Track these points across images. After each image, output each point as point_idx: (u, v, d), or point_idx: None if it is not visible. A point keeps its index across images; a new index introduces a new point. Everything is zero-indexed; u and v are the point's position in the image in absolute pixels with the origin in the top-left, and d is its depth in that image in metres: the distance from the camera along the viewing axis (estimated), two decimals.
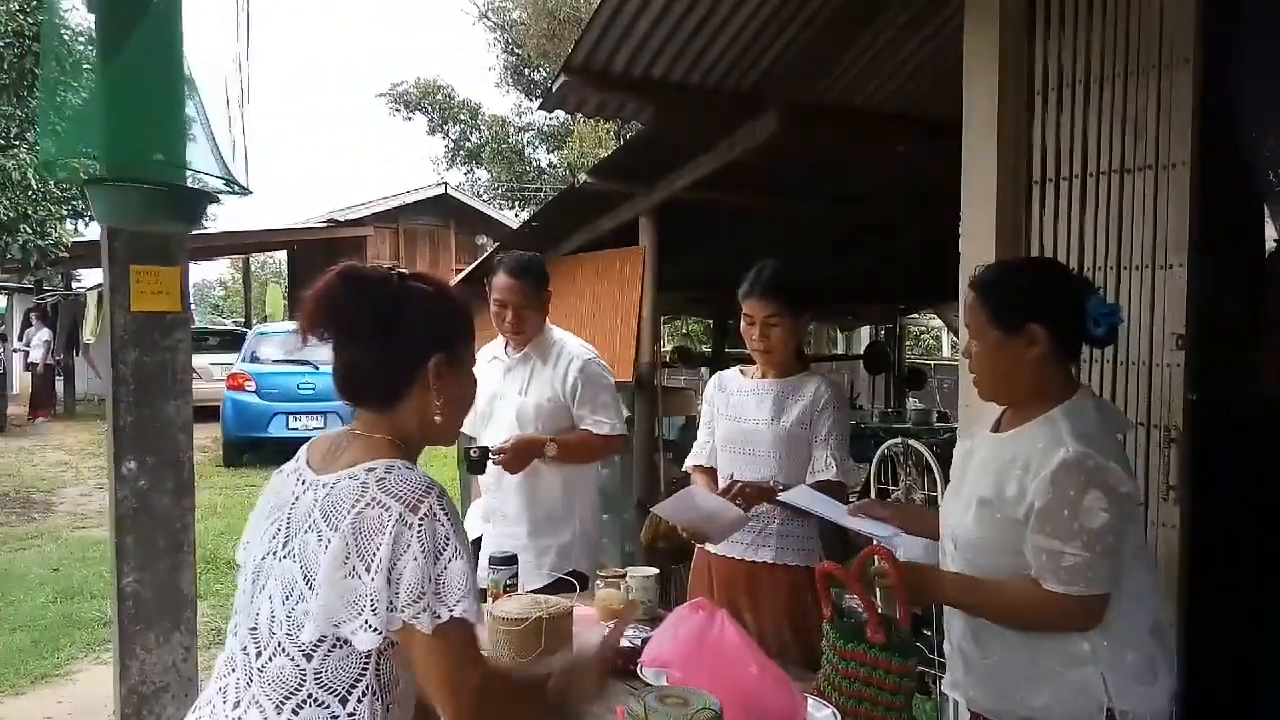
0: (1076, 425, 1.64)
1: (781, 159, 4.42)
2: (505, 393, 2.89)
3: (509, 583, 2.38)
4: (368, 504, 1.24)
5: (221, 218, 26.46)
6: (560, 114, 4.77)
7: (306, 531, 1.27)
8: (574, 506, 2.92)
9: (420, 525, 1.23)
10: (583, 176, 4.86)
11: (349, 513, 1.23)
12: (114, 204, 2.22)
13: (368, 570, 1.21)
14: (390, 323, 1.34)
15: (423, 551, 1.22)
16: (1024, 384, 1.73)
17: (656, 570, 2.49)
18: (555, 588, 2.60)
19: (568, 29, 16.94)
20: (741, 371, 2.65)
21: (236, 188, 2.17)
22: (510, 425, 2.83)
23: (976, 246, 2.74)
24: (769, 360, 2.52)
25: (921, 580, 1.78)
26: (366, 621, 1.21)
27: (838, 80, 4.08)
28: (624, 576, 2.46)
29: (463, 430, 3.01)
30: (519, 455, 2.73)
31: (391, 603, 1.21)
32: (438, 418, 1.37)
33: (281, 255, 23.04)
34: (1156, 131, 2.45)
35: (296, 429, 9.91)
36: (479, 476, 2.94)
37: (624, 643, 2.11)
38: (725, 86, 3.97)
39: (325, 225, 17.17)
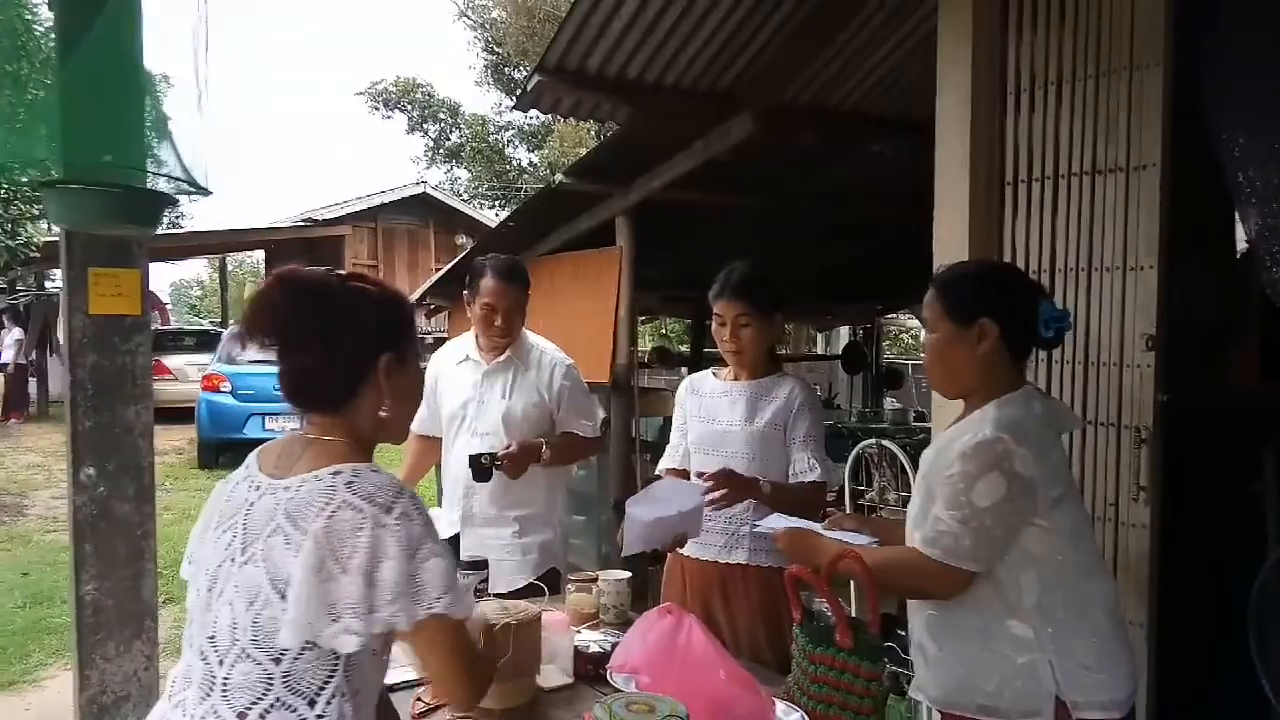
0: (1003, 414, 1.70)
1: (758, 159, 4.41)
2: (485, 397, 2.85)
3: (479, 587, 2.35)
4: (339, 507, 1.24)
5: (198, 217, 26.24)
6: (541, 113, 4.73)
7: (271, 535, 1.26)
8: (555, 505, 2.94)
9: (397, 525, 1.24)
10: (559, 176, 4.83)
11: (319, 516, 1.23)
12: (68, 206, 2.15)
13: (345, 573, 1.22)
14: (333, 325, 1.34)
15: (400, 551, 1.23)
16: (972, 377, 1.79)
17: (629, 574, 2.47)
18: (527, 591, 2.59)
19: (547, 28, 16.90)
20: (714, 373, 2.64)
21: (196, 189, 2.12)
22: (496, 430, 2.80)
23: (948, 247, 2.74)
24: (741, 361, 2.51)
25: (810, 546, 1.91)
26: (347, 625, 1.22)
27: (814, 80, 4.07)
28: (595, 580, 2.44)
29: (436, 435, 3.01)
30: (521, 460, 2.72)
31: (373, 605, 1.22)
32: (384, 413, 1.38)
33: (259, 255, 22.85)
34: (1127, 133, 2.46)
35: (273, 430, 9.80)
36: (446, 479, 2.92)
37: (594, 648, 2.10)
38: (701, 87, 3.96)
39: (302, 225, 17.03)
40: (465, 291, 2.88)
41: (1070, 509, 1.72)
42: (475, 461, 2.69)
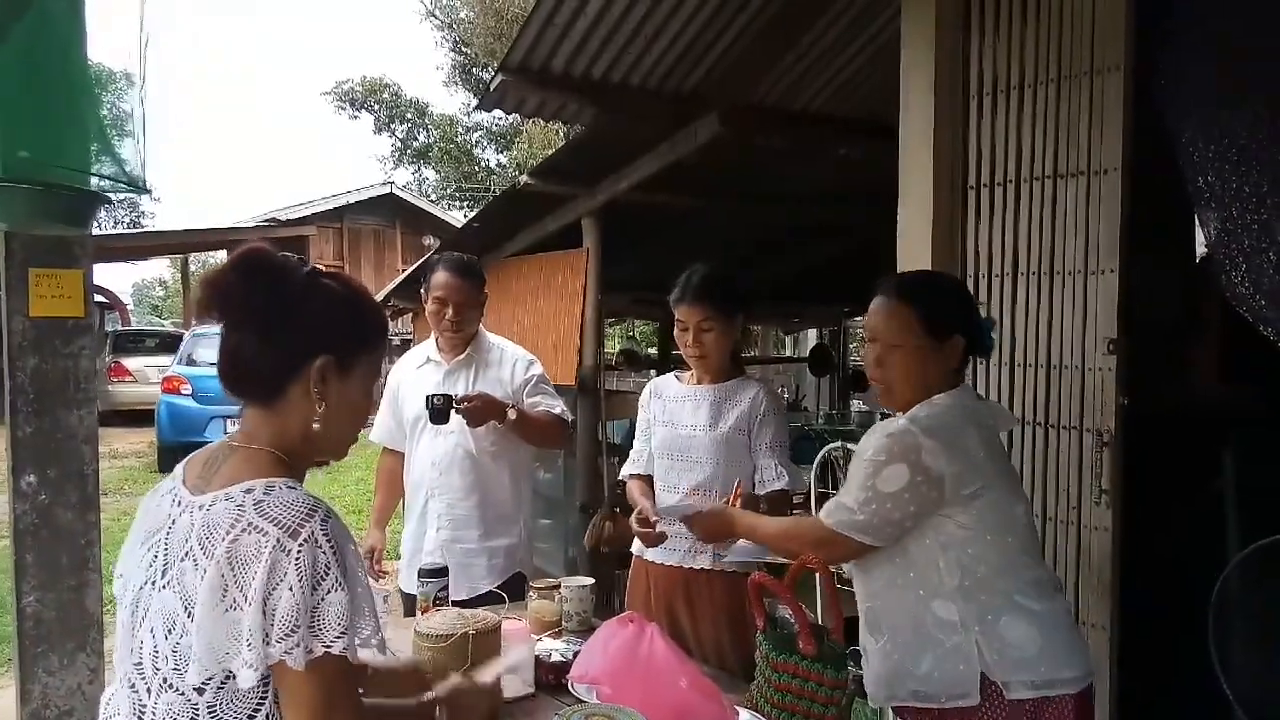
0: (922, 409, 1.76)
1: (725, 160, 4.40)
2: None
3: (439, 596, 2.31)
4: (244, 529, 1.14)
5: (160, 216, 25.86)
6: (505, 114, 4.67)
7: (184, 559, 1.17)
8: (521, 506, 2.90)
9: (299, 552, 1.13)
10: (523, 178, 4.79)
11: (224, 539, 1.14)
12: None
13: (248, 601, 1.12)
14: (281, 311, 1.25)
15: (299, 581, 1.13)
16: (931, 389, 1.81)
17: (592, 580, 2.44)
18: (488, 598, 2.55)
19: (515, 28, 16.78)
20: (677, 377, 2.61)
21: (133, 187, 2.03)
22: (460, 427, 2.76)
23: (912, 250, 2.74)
24: (705, 365, 2.49)
25: (723, 523, 2.03)
26: (245, 659, 1.12)
27: (780, 82, 4.07)
28: (558, 587, 2.40)
29: (389, 433, 2.96)
30: (486, 409, 2.67)
31: (266, 635, 1.12)
32: (316, 425, 1.26)
33: (222, 255, 22.52)
34: (1088, 137, 2.47)
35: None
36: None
37: (555, 656, 2.06)
38: (667, 88, 3.93)
39: (266, 224, 16.80)
40: (421, 290, 2.86)
41: (993, 502, 1.74)
42: (430, 402, 2.64)
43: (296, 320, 1.26)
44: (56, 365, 2.40)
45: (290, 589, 1.12)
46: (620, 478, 2.70)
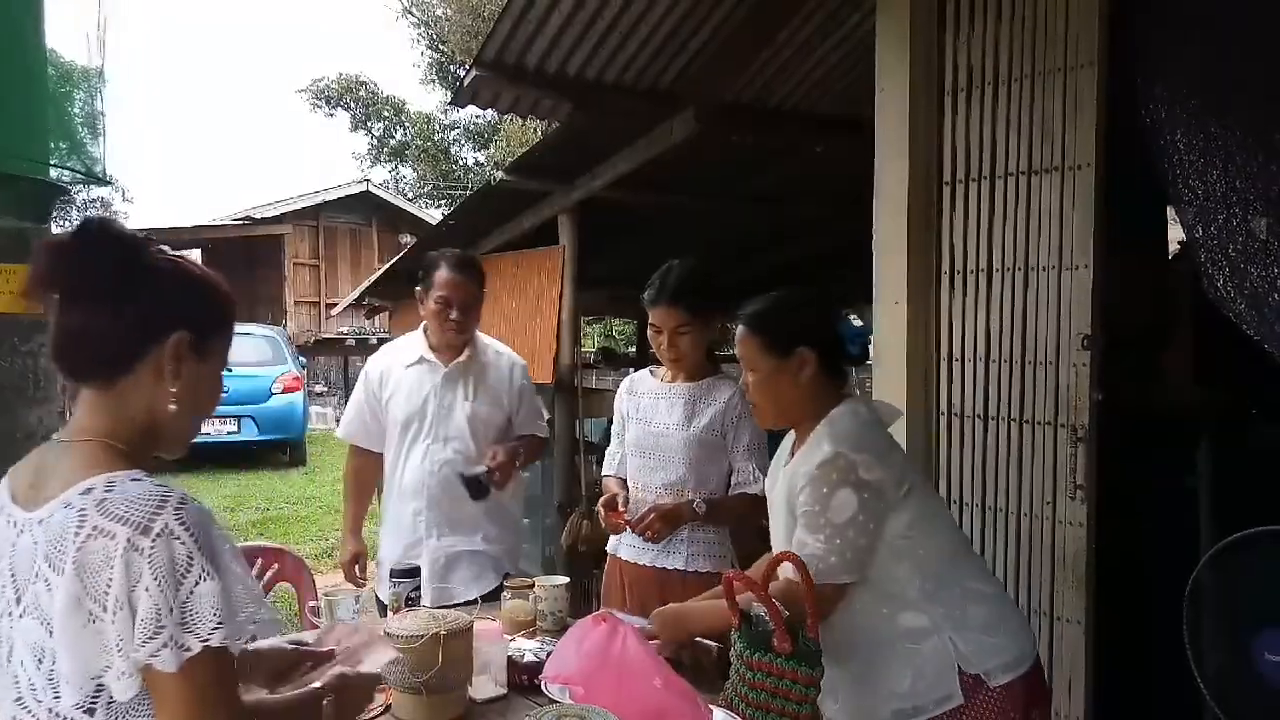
0: (834, 429, 1.77)
1: (702, 158, 4.39)
2: (446, 401, 2.73)
3: (411, 596, 2.28)
4: (89, 535, 1.05)
5: (134, 215, 25.56)
6: (488, 111, 4.64)
7: (34, 581, 1.10)
8: (518, 508, 2.93)
9: (153, 549, 1.05)
10: (499, 174, 4.76)
11: (71, 549, 1.06)
12: None
13: (105, 610, 1.05)
14: (135, 280, 1.17)
15: (155, 579, 1.05)
16: (800, 405, 1.85)
17: (566, 579, 2.41)
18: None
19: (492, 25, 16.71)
20: (652, 373, 2.59)
21: (94, 177, 1.97)
22: (462, 434, 2.71)
23: (888, 247, 2.74)
24: (679, 366, 2.46)
25: (680, 622, 1.93)
26: (119, 669, 1.06)
27: (755, 79, 4.06)
28: (531, 586, 2.37)
29: (370, 438, 2.90)
30: (510, 471, 2.67)
31: (133, 642, 1.05)
32: (172, 406, 1.18)
33: (196, 254, 22.27)
34: (1063, 133, 2.47)
35: (205, 434, 9.53)
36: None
37: (528, 657, 2.03)
38: (642, 85, 3.91)
39: (241, 222, 16.64)
40: (418, 288, 2.77)
41: (920, 497, 1.78)
42: (474, 482, 2.62)
43: (152, 291, 1.18)
44: (15, 363, 2.33)
45: (147, 589, 1.05)
46: (599, 476, 2.69)
